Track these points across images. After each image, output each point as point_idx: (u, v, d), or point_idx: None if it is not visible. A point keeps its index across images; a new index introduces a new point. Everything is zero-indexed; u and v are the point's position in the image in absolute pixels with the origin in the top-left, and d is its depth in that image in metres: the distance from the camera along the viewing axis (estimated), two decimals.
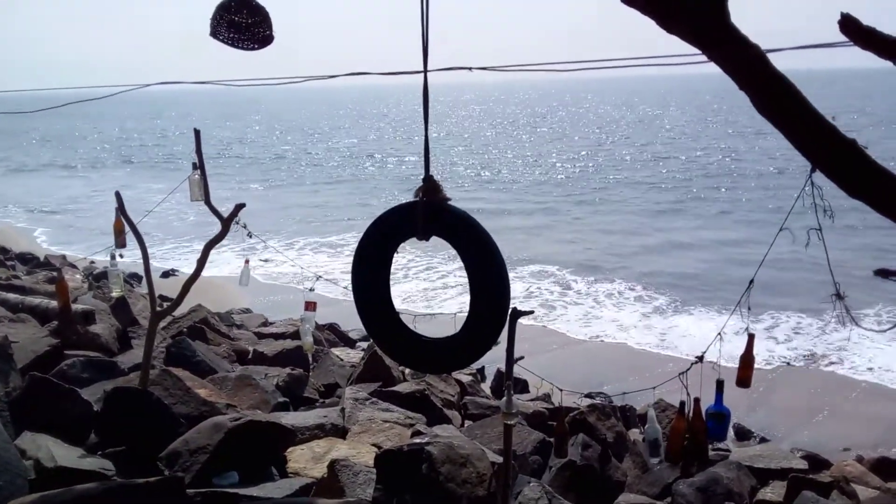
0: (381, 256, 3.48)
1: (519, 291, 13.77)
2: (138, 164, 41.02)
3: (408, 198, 3.38)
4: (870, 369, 9.79)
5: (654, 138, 47.46)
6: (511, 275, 3.30)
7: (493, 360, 6.64)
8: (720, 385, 3.75)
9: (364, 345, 9.62)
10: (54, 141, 56.79)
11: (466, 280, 3.35)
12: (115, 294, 7.25)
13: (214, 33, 3.92)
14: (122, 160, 43.19)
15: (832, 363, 10.07)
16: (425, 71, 3.15)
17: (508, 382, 3.77)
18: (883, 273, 2.25)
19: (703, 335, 10.25)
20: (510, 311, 3.53)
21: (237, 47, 3.96)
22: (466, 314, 3.41)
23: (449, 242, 3.36)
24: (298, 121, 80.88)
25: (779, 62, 2.29)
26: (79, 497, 3.40)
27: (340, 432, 5.52)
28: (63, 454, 4.02)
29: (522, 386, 8.46)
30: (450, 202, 3.31)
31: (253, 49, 3.99)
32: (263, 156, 43.95)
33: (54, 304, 6.98)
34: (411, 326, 3.68)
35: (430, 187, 3.28)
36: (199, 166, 4.78)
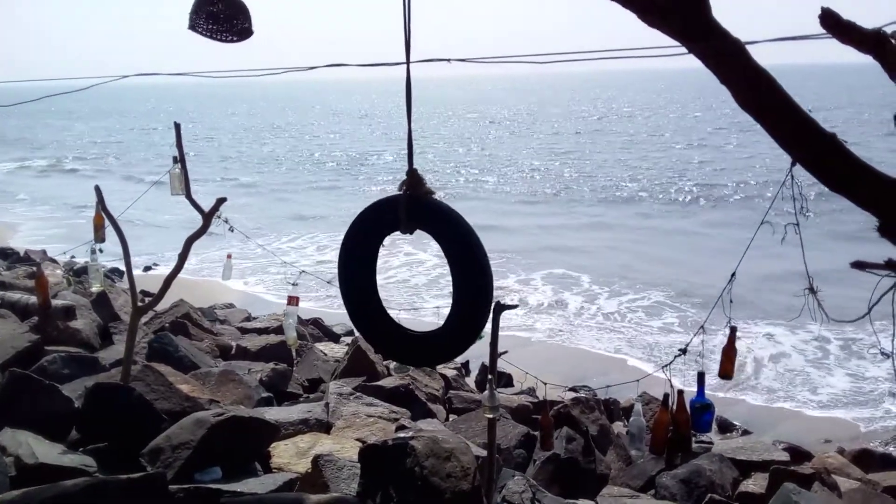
0: (366, 250, 3.48)
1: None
2: (117, 161, 40.56)
3: (392, 191, 3.39)
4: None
5: (641, 133, 47.55)
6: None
7: (477, 354, 6.64)
8: (701, 377, 3.78)
9: (348, 339, 9.60)
10: (19, 134, 55.90)
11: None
12: (95, 289, 7.19)
13: (193, 26, 3.89)
14: (101, 157, 42.67)
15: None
16: (408, 62, 3.14)
17: (491, 377, 3.78)
18: (859, 265, 2.27)
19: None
20: (494, 305, 3.53)
21: (216, 39, 3.94)
22: (450, 308, 3.41)
23: (432, 236, 3.36)
24: (278, 116, 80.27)
25: (760, 57, 2.30)
26: (60, 494, 3.37)
27: (324, 427, 5.51)
28: (44, 451, 3.99)
29: (507, 380, 8.47)
30: (433, 195, 3.31)
31: (231, 41, 3.97)
32: (241, 152, 43.48)
33: (34, 299, 6.91)
34: (397, 319, 3.68)
35: (413, 181, 3.28)
36: (180, 160, 4.75)
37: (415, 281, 14.72)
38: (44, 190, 28.56)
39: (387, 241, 3.48)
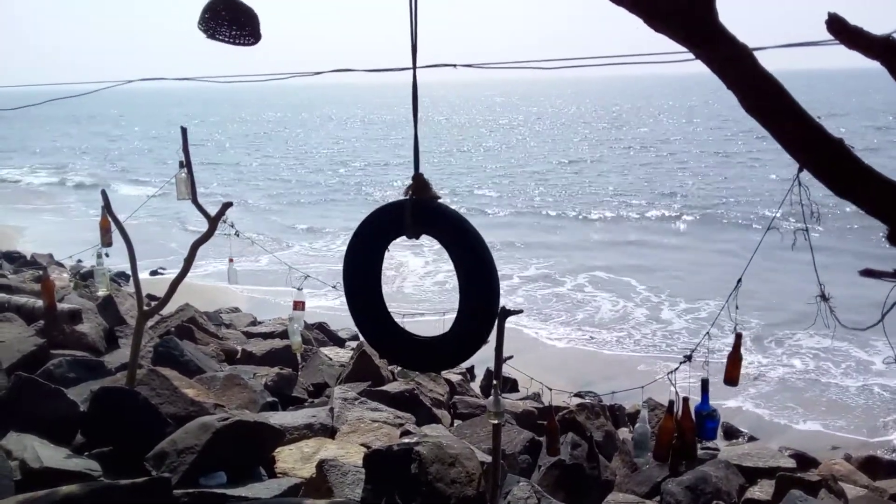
0: (371, 255, 3.48)
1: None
2: (122, 165, 40.62)
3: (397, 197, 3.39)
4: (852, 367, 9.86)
5: (648, 140, 47.36)
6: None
7: (482, 359, 6.61)
8: (705, 384, 3.76)
9: (353, 344, 9.59)
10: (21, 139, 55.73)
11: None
12: (101, 293, 7.21)
13: (213, 34, 3.90)
14: (104, 162, 42.69)
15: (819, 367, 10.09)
16: (414, 67, 3.14)
17: (496, 382, 3.77)
18: (868, 273, 2.25)
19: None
20: (499, 309, 3.52)
21: (238, 44, 3.95)
22: (456, 313, 3.40)
23: (438, 241, 3.36)
24: (282, 122, 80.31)
25: (767, 62, 2.29)
26: (65, 498, 3.38)
27: (329, 432, 5.50)
28: (49, 455, 3.99)
29: (512, 385, 8.45)
30: (439, 200, 3.31)
31: (252, 44, 3.99)
32: (243, 159, 43.40)
33: (40, 303, 6.93)
34: (402, 324, 3.67)
35: (419, 185, 3.27)
36: (186, 164, 4.76)
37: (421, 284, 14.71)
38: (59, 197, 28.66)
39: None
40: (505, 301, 3.44)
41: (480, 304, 3.30)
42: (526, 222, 22.62)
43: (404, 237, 3.38)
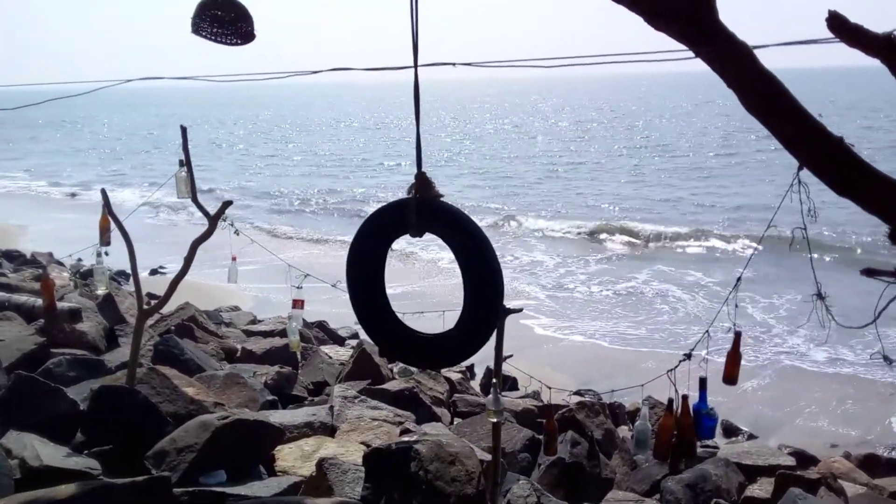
0: (374, 253, 3.48)
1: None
2: (122, 164, 40.59)
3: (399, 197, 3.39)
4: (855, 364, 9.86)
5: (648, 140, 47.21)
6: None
7: (482, 357, 6.59)
8: (703, 383, 3.77)
9: (353, 342, 9.59)
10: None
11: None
12: (100, 292, 7.21)
13: (197, 30, 3.91)
14: (103, 161, 42.64)
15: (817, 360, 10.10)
16: (415, 66, 3.14)
17: (496, 380, 3.78)
18: (869, 272, 2.25)
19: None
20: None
21: (221, 42, 3.96)
22: (460, 310, 3.41)
23: (442, 239, 3.36)
24: (281, 118, 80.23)
25: (768, 60, 2.29)
26: (65, 497, 3.38)
27: (329, 430, 5.50)
28: (49, 453, 3.99)
29: (512, 383, 8.44)
30: (442, 198, 3.31)
31: (237, 44, 3.99)
32: (247, 156, 43.31)
33: (40, 301, 6.93)
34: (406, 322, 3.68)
35: (422, 184, 3.28)
36: (186, 163, 4.76)
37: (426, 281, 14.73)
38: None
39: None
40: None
41: (484, 302, 3.30)
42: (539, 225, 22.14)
43: (408, 236, 3.39)
